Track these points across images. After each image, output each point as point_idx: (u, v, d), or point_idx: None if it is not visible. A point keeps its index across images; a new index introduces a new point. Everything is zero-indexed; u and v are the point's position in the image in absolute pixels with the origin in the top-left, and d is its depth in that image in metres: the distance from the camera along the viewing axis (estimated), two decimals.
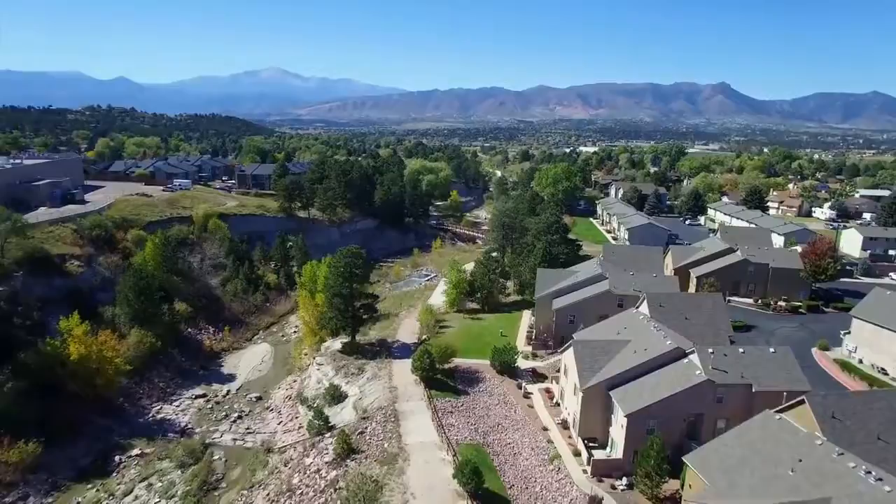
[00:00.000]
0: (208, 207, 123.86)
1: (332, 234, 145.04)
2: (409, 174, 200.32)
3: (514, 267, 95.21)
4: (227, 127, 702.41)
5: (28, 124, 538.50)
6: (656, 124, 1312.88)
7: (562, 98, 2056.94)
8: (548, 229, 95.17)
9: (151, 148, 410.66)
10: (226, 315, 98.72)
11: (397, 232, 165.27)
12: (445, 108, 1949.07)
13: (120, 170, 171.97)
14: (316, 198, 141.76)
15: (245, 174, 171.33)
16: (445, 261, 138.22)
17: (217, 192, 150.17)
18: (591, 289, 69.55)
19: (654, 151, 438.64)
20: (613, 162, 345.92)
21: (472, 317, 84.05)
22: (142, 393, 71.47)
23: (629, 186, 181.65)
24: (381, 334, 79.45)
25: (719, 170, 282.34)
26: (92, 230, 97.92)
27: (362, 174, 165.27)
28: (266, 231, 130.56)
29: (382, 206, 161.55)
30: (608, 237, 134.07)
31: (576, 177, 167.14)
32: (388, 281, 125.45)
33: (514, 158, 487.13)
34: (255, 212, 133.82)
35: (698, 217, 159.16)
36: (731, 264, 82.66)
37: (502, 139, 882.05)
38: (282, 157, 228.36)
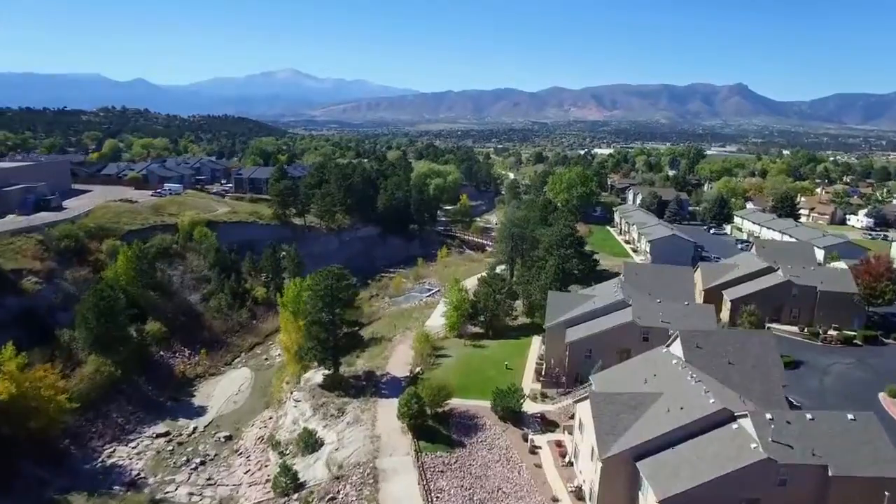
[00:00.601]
0: (195, 214, 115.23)
1: (331, 243, 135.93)
2: (415, 178, 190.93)
3: (522, 284, 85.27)
4: (239, 128, 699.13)
5: (42, 125, 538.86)
6: (672, 126, 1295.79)
7: (576, 99, 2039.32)
8: (561, 242, 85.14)
9: (159, 149, 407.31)
10: (204, 335, 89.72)
11: (401, 239, 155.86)
12: (459, 109, 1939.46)
13: (112, 172, 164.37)
14: (313, 203, 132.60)
15: (242, 178, 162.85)
16: (450, 272, 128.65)
17: (210, 197, 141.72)
18: (610, 318, 59.46)
19: (671, 154, 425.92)
20: (630, 165, 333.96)
21: (475, 343, 74.24)
22: (93, 432, 62.46)
23: (648, 192, 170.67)
24: (369, 364, 69.89)
25: (741, 173, 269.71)
26: (60, 241, 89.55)
27: (365, 178, 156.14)
28: (258, 240, 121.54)
29: (385, 212, 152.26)
30: (627, 248, 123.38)
31: (591, 182, 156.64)
32: (387, 294, 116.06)
33: (528, 160, 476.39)
34: (246, 219, 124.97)
35: (723, 225, 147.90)
36: (771, 286, 72.09)
37: (516, 140, 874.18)
38: (284, 160, 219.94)
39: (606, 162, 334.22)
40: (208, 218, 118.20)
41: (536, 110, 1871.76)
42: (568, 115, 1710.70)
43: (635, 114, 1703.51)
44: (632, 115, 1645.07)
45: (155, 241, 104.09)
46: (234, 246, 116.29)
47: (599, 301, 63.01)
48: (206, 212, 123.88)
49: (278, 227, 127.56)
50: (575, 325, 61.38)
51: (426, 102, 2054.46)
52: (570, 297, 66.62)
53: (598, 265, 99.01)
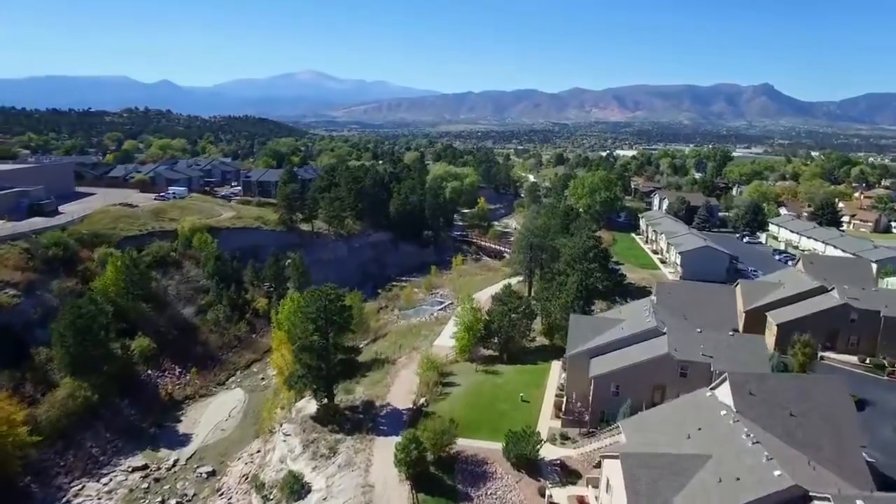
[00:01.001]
0: (196, 220, 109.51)
1: (339, 250, 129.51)
2: (431, 181, 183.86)
3: (541, 301, 77.65)
4: (259, 129, 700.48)
5: (66, 126, 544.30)
6: (695, 127, 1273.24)
7: (597, 100, 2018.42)
8: (584, 255, 77.36)
9: (177, 150, 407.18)
10: (198, 351, 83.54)
11: (414, 246, 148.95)
12: (480, 110, 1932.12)
13: (119, 175, 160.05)
14: (321, 208, 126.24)
15: (250, 181, 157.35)
16: (465, 282, 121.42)
17: (215, 201, 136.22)
18: (642, 349, 51.63)
19: (696, 156, 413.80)
20: (654, 167, 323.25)
21: (487, 369, 66.79)
22: (61, 466, 56.35)
23: (676, 197, 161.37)
24: (369, 391, 62.79)
25: (772, 177, 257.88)
26: (48, 249, 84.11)
27: (377, 181, 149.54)
28: (262, 246, 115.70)
29: (398, 217, 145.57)
30: (654, 259, 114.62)
31: (615, 186, 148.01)
32: (397, 307, 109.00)
33: (548, 162, 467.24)
34: (251, 224, 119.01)
35: (757, 234, 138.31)
36: (825, 310, 63.53)
37: (537, 142, 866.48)
38: (297, 161, 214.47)
39: (629, 164, 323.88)
40: (210, 223, 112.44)
41: (557, 111, 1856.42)
42: (589, 117, 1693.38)
43: (658, 115, 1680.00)
44: (654, 116, 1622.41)
45: (152, 248, 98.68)
46: (236, 253, 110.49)
47: (629, 327, 55.15)
48: (208, 217, 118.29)
49: (284, 233, 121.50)
50: (600, 354, 53.65)
51: (447, 103, 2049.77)
52: (595, 322, 58.81)
53: (625, 279, 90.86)
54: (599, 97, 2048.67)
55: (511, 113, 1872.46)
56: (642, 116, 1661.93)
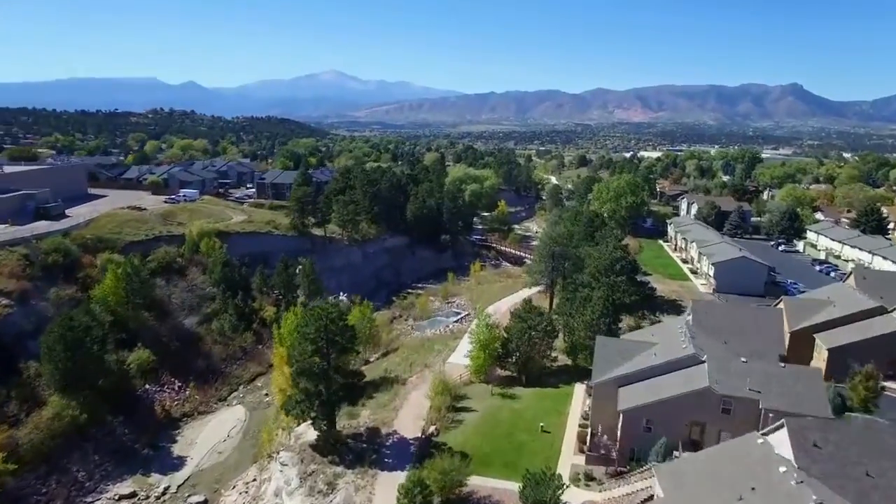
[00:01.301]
0: (204, 224, 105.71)
1: (353, 255, 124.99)
2: (449, 183, 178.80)
3: (563, 316, 72.04)
4: (281, 129, 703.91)
5: (93, 127, 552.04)
6: (720, 128, 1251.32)
7: (620, 101, 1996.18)
8: (610, 267, 71.51)
9: (198, 150, 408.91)
10: (199, 364, 79.37)
11: (432, 251, 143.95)
12: (502, 110, 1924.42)
13: (133, 176, 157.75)
14: (334, 212, 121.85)
15: (264, 183, 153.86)
16: (483, 290, 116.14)
17: (226, 203, 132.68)
18: (677, 379, 45.79)
19: (723, 157, 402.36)
20: (680, 169, 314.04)
21: (504, 392, 61.39)
22: (43, 494, 52.33)
23: (705, 201, 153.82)
24: (375, 416, 57.80)
25: (805, 180, 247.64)
26: (48, 255, 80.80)
27: (393, 184, 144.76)
28: (273, 252, 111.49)
29: (415, 221, 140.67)
30: (684, 269, 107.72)
31: (642, 191, 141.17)
32: (411, 316, 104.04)
33: (571, 163, 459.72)
34: (261, 229, 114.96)
35: (794, 242, 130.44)
36: (887, 334, 56.85)
37: (559, 142, 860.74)
38: (313, 162, 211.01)
39: (655, 166, 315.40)
40: (219, 228, 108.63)
41: (580, 112, 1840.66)
42: (612, 117, 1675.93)
43: (682, 115, 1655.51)
44: (678, 117, 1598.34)
45: (158, 253, 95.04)
46: (245, 259, 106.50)
47: (662, 353, 49.29)
48: (218, 220, 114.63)
49: (296, 238, 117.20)
50: (630, 383, 47.94)
51: (469, 103, 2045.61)
52: (624, 345, 52.97)
53: (654, 292, 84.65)
54: (623, 97, 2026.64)
55: (533, 113, 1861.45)
56: (666, 117, 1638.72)
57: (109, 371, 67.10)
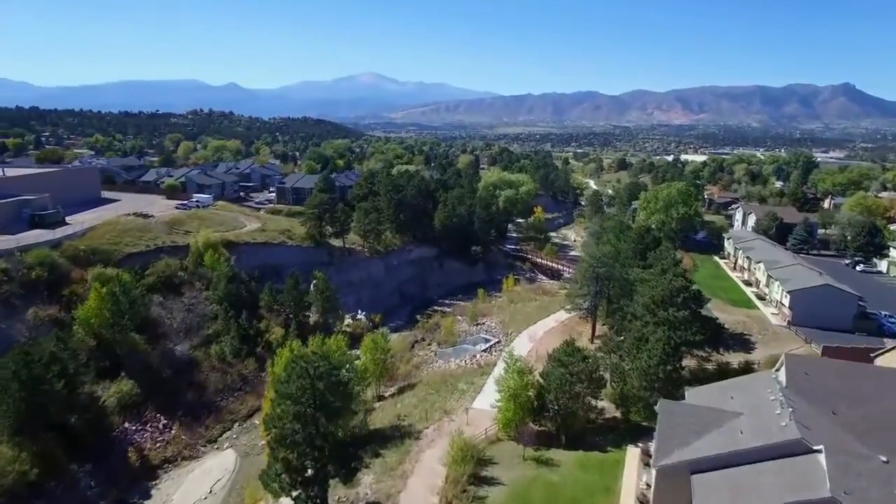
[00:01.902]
0: (211, 233, 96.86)
1: (374, 268, 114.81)
2: (482, 189, 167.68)
3: (611, 353, 60.13)
4: (316, 130, 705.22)
5: (133, 128, 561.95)
6: (765, 130, 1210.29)
7: (660, 102, 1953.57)
8: (670, 299, 59.22)
9: (232, 151, 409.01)
10: (189, 397, 69.86)
11: (461, 263, 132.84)
12: (539, 112, 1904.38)
13: (151, 179, 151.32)
14: (354, 220, 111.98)
15: (285, 187, 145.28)
16: (517, 311, 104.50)
17: (241, 210, 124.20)
18: (778, 475, 33.56)
19: (774, 162, 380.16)
20: (728, 175, 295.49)
21: (539, 456, 49.87)
22: None
23: (765, 212, 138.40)
24: (378, 486, 47.01)
25: (873, 187, 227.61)
26: (30, 270, 72.78)
27: (421, 190, 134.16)
28: (285, 264, 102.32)
29: (444, 230, 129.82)
30: (749, 294, 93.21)
31: (696, 201, 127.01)
32: (434, 340, 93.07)
33: (610, 167, 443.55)
34: (273, 239, 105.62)
35: (874, 261, 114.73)
36: None
37: (596, 145, 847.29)
38: (341, 165, 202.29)
39: (701, 171, 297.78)
40: (228, 237, 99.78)
41: (618, 114, 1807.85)
42: (651, 119, 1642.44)
43: (724, 117, 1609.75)
44: (720, 119, 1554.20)
45: (158, 266, 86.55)
46: (254, 272, 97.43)
47: (751, 430, 36.99)
48: (229, 229, 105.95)
49: (311, 250, 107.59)
50: (708, 470, 35.90)
51: (505, 105, 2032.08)
52: (697, 415, 40.75)
53: (722, 327, 71.63)
54: (662, 99, 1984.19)
55: (570, 115, 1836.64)
56: (707, 119, 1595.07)
57: (81, 408, 58.20)
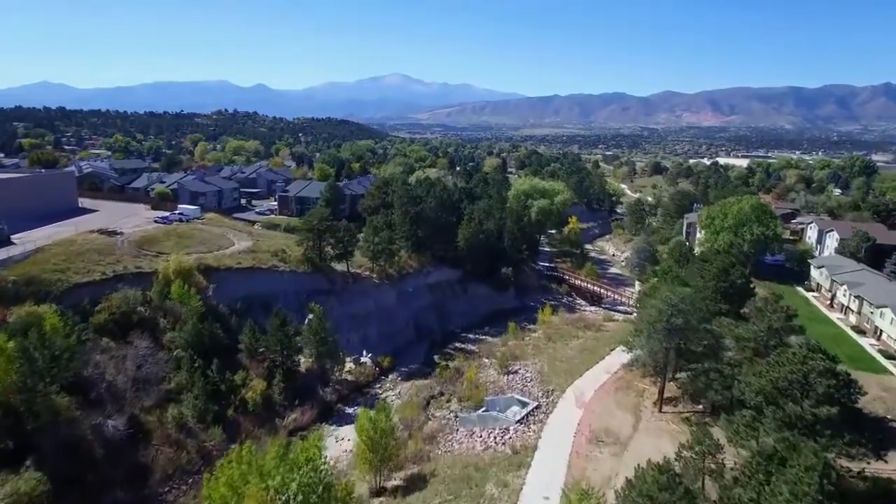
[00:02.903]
0: (185, 257, 79.17)
1: (385, 296, 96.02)
2: (512, 198, 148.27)
3: (717, 475, 40.52)
4: (340, 130, 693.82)
5: (155, 128, 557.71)
6: (799, 132, 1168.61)
7: (689, 104, 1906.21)
8: (801, 387, 39.33)
9: (250, 152, 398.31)
10: (119, 497, 51.80)
11: (488, 287, 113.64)
12: (565, 113, 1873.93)
13: (142, 186, 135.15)
14: (362, 239, 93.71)
15: (288, 196, 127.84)
16: (557, 354, 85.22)
17: (232, 224, 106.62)
18: None
19: (825, 166, 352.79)
20: (781, 182, 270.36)
21: None
22: None
23: (851, 230, 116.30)
24: None
25: None
26: None
27: (443, 201, 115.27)
28: (276, 294, 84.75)
29: (469, 248, 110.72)
30: (864, 346, 72.24)
31: (774, 219, 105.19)
32: (455, 395, 74.13)
33: (643, 171, 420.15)
34: (262, 262, 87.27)
35: None
36: None
37: (625, 147, 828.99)
38: (356, 168, 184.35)
39: (750, 177, 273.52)
40: (207, 261, 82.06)
41: (646, 115, 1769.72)
42: (680, 121, 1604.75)
43: (755, 119, 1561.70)
44: (752, 121, 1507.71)
45: (112, 301, 69.10)
46: (237, 305, 79.93)
47: None
48: (213, 248, 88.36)
49: (309, 275, 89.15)
50: None
51: (532, 106, 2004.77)
52: None
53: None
54: (692, 101, 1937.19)
55: (598, 117, 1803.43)
56: (738, 121, 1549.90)
57: None
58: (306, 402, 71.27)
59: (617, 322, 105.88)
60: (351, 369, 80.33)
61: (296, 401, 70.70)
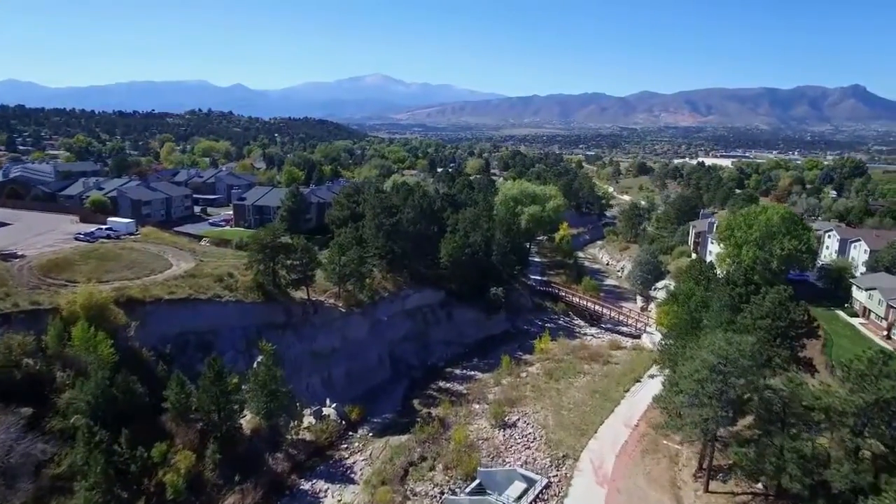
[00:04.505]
0: (95, 289, 62.21)
1: (355, 329, 79.71)
2: (500, 204, 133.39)
3: None
4: (318, 130, 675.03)
5: (122, 128, 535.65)
6: (774, 132, 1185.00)
7: (667, 104, 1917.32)
8: None
9: (220, 153, 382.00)
10: None
11: (476, 310, 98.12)
12: (545, 113, 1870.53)
13: (76, 193, 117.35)
14: (326, 258, 77.74)
15: (244, 205, 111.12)
16: (562, 399, 70.42)
17: (175, 240, 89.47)
18: None
19: (814, 166, 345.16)
20: (772, 183, 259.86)
21: None
22: None
23: (886, 241, 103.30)
24: None
25: None
26: None
27: (422, 209, 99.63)
28: (220, 331, 68.48)
29: (453, 265, 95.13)
30: None
31: (806, 231, 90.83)
32: (440, 461, 58.51)
33: (628, 171, 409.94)
34: (203, 290, 70.31)
35: None
36: None
37: (604, 147, 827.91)
38: (328, 172, 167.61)
39: (745, 179, 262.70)
40: (130, 292, 65.22)
41: (625, 115, 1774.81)
42: (658, 121, 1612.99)
43: (732, 119, 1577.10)
44: (728, 121, 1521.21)
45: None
46: (166, 349, 63.55)
47: None
48: (143, 273, 71.55)
49: (260, 306, 72.47)
50: None
51: (511, 107, 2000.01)
52: None
53: None
54: (669, 101, 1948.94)
55: (577, 117, 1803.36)
56: (715, 121, 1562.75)
57: None
58: (250, 478, 55.24)
59: (625, 350, 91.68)
60: (310, 425, 64.36)
61: (236, 476, 54.57)
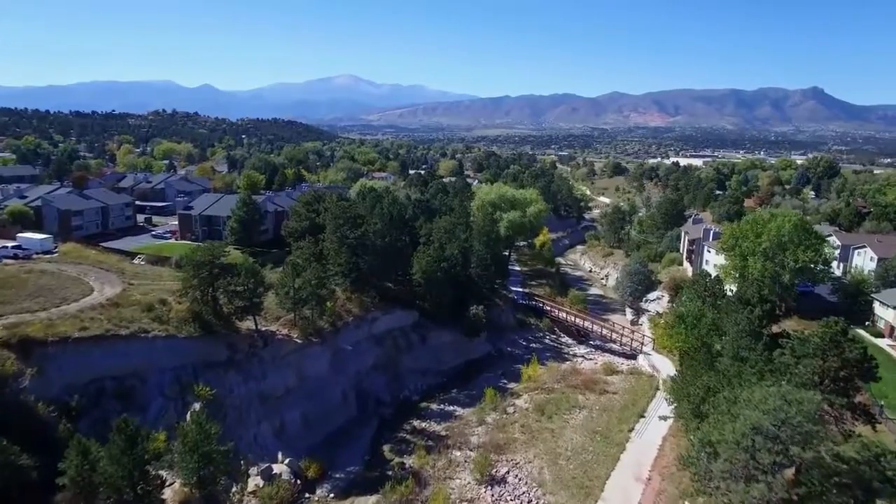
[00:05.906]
0: None
1: (313, 362, 67.80)
2: (477, 209, 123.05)
3: None
4: (287, 131, 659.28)
5: (78, 129, 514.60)
6: (740, 133, 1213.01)
7: (636, 105, 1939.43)
8: None
9: (182, 154, 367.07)
10: None
11: (454, 333, 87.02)
12: (516, 114, 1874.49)
13: None
14: (277, 283, 65.88)
15: (191, 214, 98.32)
16: (556, 442, 59.83)
17: (102, 258, 76.42)
18: None
19: (787, 166, 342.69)
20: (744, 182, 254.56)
21: None
22: None
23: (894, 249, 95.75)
24: None
25: None
26: None
27: (392, 220, 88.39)
28: (145, 374, 56.00)
29: (427, 282, 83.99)
30: None
31: (820, 242, 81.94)
32: None
33: (603, 171, 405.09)
34: (124, 324, 57.61)
35: None
36: None
37: (576, 147, 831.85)
38: (290, 175, 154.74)
39: (727, 180, 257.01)
40: (27, 330, 52.51)
41: (595, 116, 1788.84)
42: (628, 121, 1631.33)
43: (699, 120, 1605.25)
44: (695, 122, 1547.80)
45: None
46: (73, 399, 51.15)
47: None
48: (50, 305, 58.51)
49: (197, 341, 60.10)
50: None
51: (483, 107, 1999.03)
52: None
53: None
54: (639, 101, 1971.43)
55: (548, 117, 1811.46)
56: (683, 121, 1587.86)
57: None
58: None
59: (621, 375, 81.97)
60: (258, 488, 52.71)
61: None
